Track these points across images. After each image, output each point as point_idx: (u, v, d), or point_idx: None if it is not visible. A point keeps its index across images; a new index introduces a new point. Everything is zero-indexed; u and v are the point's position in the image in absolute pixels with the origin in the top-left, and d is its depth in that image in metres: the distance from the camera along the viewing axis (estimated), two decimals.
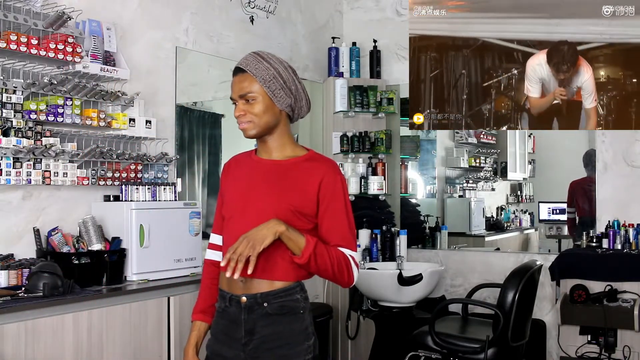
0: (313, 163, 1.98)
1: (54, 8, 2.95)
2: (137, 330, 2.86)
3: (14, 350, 2.39)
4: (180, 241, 3.24)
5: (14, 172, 2.82)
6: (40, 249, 2.91)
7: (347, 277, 1.93)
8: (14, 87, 2.82)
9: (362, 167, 4.75)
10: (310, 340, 1.96)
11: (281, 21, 4.57)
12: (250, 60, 1.95)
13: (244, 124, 1.96)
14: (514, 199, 5.94)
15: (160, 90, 3.63)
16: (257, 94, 1.93)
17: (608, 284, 3.88)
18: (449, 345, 3.50)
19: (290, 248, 1.87)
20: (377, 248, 4.50)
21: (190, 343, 2.06)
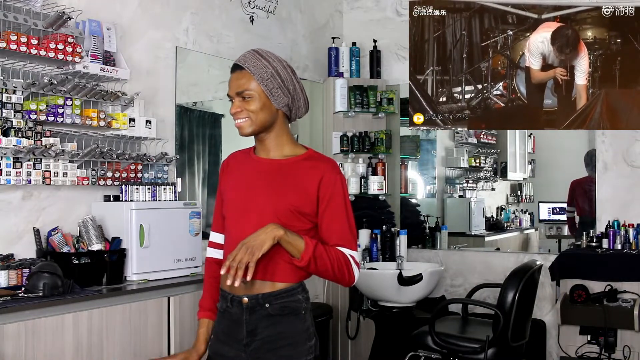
0: (312, 162, 1.97)
1: (54, 8, 2.95)
2: (137, 330, 2.86)
3: (14, 350, 2.39)
4: (180, 241, 3.24)
5: (14, 172, 2.82)
6: (40, 249, 2.91)
7: (348, 277, 1.93)
8: (14, 87, 2.82)
9: (362, 167, 4.75)
10: (312, 340, 1.96)
11: (281, 21, 4.57)
12: (249, 58, 1.94)
13: (240, 121, 1.95)
14: (514, 199, 5.95)
15: (160, 90, 3.63)
16: (254, 92, 1.92)
17: (608, 284, 3.88)
18: (449, 345, 3.50)
19: (289, 251, 1.86)
20: (377, 248, 4.50)
21: (201, 340, 2.04)
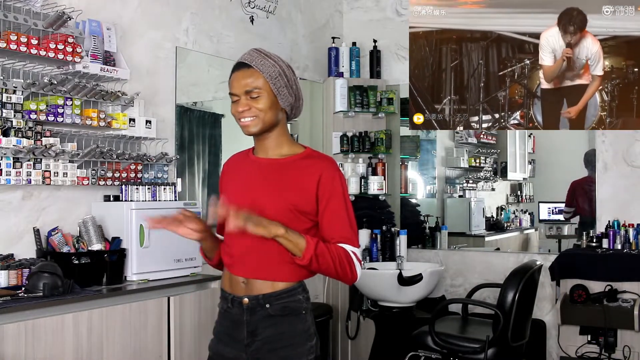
0: (311, 160, 1.97)
1: (54, 8, 2.95)
2: (137, 330, 2.86)
3: (14, 350, 2.39)
4: (180, 241, 3.18)
5: (14, 172, 2.82)
6: (40, 249, 2.91)
7: (351, 274, 1.91)
8: (14, 87, 2.82)
9: (362, 167, 4.75)
10: (313, 340, 1.95)
11: (281, 21, 4.57)
12: (255, 56, 1.93)
13: (247, 119, 1.93)
14: (514, 199, 5.94)
15: (160, 90, 3.63)
16: (263, 90, 1.91)
17: (608, 284, 3.88)
18: (449, 345, 3.50)
19: (290, 250, 1.86)
20: (377, 248, 4.50)
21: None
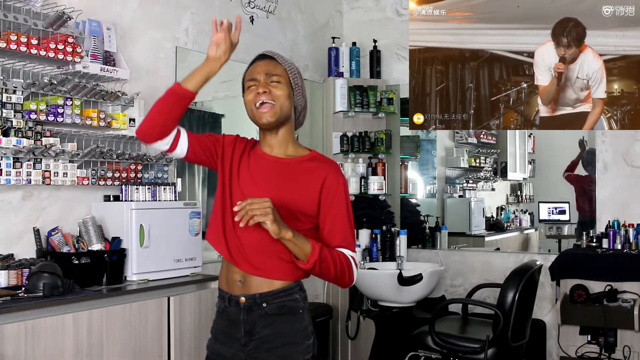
0: (316, 163, 1.98)
1: (54, 8, 2.95)
2: (137, 330, 2.86)
3: (14, 350, 2.39)
4: (180, 241, 3.24)
5: (14, 172, 2.82)
6: (40, 249, 2.91)
7: (348, 279, 1.94)
8: (14, 87, 2.82)
9: (362, 167, 4.75)
10: (310, 339, 1.96)
11: (281, 21, 4.57)
12: (277, 53, 2.01)
13: (266, 105, 1.92)
14: (514, 199, 5.95)
15: (161, 90, 3.55)
16: (283, 79, 1.96)
17: (608, 284, 3.88)
18: (449, 345, 3.50)
19: (295, 253, 1.86)
20: (377, 248, 4.50)
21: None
